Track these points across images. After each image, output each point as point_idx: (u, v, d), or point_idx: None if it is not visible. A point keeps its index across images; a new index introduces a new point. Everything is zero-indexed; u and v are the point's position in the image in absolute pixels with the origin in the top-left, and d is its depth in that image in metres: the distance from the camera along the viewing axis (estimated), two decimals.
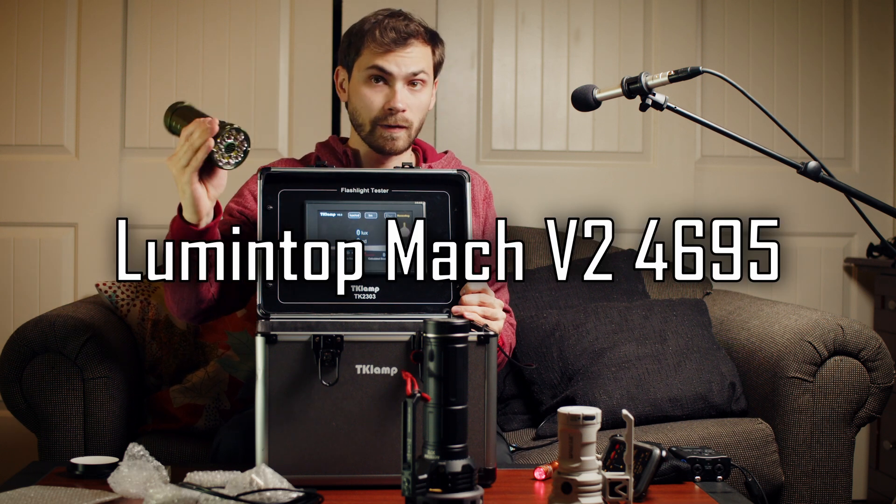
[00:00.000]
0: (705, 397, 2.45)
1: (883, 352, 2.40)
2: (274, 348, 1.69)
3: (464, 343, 1.51)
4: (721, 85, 3.41)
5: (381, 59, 2.10)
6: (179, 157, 1.83)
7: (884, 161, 3.56)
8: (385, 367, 1.70)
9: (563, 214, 3.39)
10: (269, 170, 1.97)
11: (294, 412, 1.69)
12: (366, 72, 2.12)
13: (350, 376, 1.70)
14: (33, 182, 3.26)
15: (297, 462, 1.68)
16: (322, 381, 1.69)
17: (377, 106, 2.12)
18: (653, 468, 1.68)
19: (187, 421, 2.45)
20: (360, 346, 1.70)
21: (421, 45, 2.13)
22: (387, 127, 2.12)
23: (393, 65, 2.10)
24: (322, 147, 2.25)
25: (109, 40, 3.25)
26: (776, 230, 3.50)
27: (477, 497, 1.49)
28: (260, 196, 1.94)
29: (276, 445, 1.68)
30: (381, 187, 1.99)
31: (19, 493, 1.65)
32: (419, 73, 2.12)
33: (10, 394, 2.31)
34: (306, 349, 1.69)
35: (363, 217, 1.96)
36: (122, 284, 2.59)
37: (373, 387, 1.70)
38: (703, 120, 1.90)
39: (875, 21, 3.54)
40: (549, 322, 2.62)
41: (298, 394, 1.69)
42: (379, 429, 1.70)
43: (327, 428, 1.69)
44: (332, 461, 1.69)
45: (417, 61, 2.11)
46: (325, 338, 1.69)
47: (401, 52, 2.10)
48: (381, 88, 2.11)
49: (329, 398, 1.69)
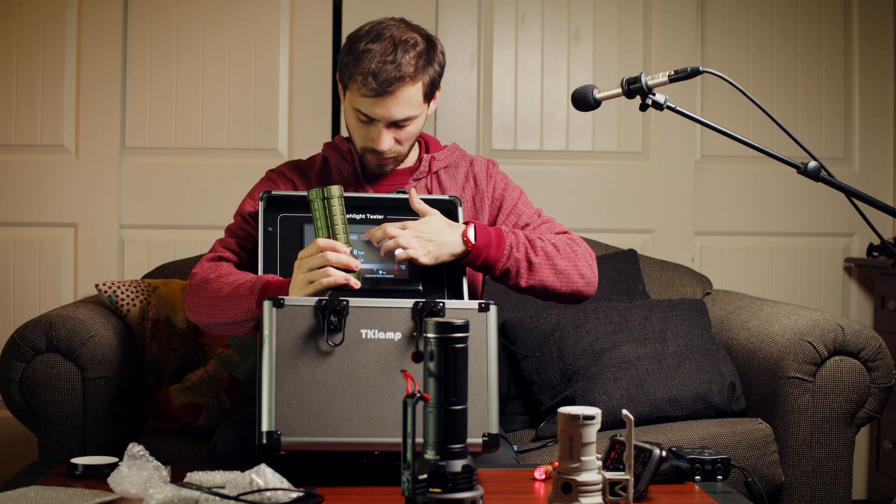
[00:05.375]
0: (705, 397, 2.45)
1: (883, 352, 2.40)
2: (281, 312, 1.74)
3: (464, 343, 1.51)
4: (721, 85, 3.41)
5: (364, 105, 2.05)
6: (314, 277, 1.83)
7: (884, 161, 3.56)
8: (390, 332, 1.75)
9: (563, 214, 3.40)
10: (271, 193, 2.04)
11: (299, 375, 1.72)
12: (352, 109, 2.09)
13: (355, 340, 1.74)
14: (33, 182, 3.26)
15: (302, 425, 1.71)
16: (328, 342, 1.73)
17: (363, 138, 2.11)
18: (653, 468, 1.68)
19: (187, 420, 2.45)
20: (364, 311, 1.75)
21: (408, 87, 2.03)
22: (374, 155, 2.12)
23: (377, 112, 2.05)
24: (328, 147, 2.25)
25: (109, 40, 3.26)
26: (776, 230, 3.51)
27: (477, 497, 1.49)
28: (261, 218, 2.01)
29: (281, 408, 1.71)
30: (377, 213, 2.05)
31: (19, 493, 1.65)
32: (404, 119, 2.07)
33: (10, 394, 2.31)
34: (312, 313, 1.74)
35: (359, 240, 2.01)
36: (122, 284, 2.59)
37: (377, 351, 1.75)
38: (703, 120, 1.90)
39: (875, 21, 3.54)
40: (549, 322, 2.62)
41: (304, 356, 1.73)
42: (383, 392, 1.74)
43: (332, 391, 1.73)
44: (337, 424, 1.72)
45: (402, 108, 2.05)
46: (330, 301, 1.74)
47: (383, 102, 2.04)
48: (367, 126, 2.09)
49: (334, 361, 1.73)
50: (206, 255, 2.16)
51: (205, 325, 2.07)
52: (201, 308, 2.04)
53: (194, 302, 2.07)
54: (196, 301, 2.06)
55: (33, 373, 2.30)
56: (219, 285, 2.00)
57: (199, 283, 2.06)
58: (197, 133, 3.31)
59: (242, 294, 1.94)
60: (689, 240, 3.44)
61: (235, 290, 1.96)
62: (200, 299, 2.04)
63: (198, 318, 2.07)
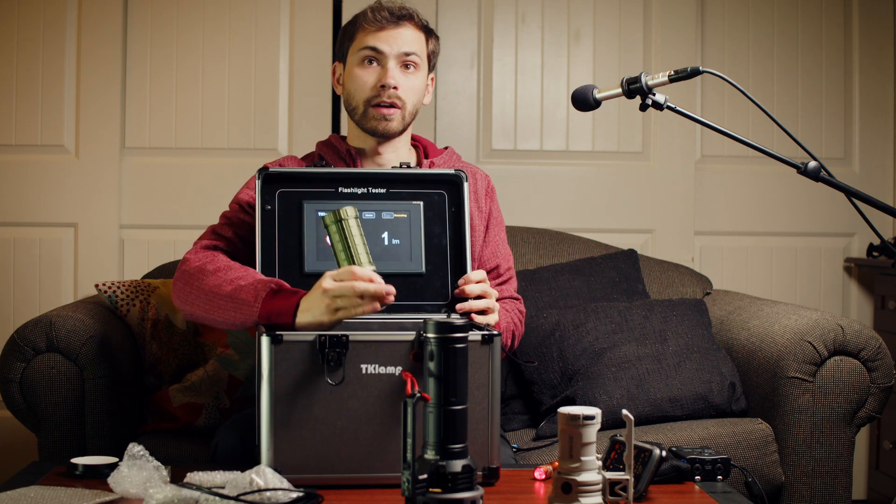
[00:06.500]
0: (705, 397, 2.45)
1: (883, 352, 2.40)
2: (279, 348, 1.69)
3: (464, 343, 1.51)
4: (721, 85, 3.41)
5: (373, 38, 2.12)
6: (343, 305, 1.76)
7: (884, 161, 3.56)
8: (390, 366, 1.70)
9: (563, 214, 3.40)
10: (268, 170, 1.97)
11: (299, 412, 1.69)
12: (359, 54, 2.13)
13: (355, 376, 1.70)
14: (33, 182, 3.26)
15: (303, 462, 1.68)
16: (328, 381, 1.69)
17: (369, 85, 2.12)
18: (653, 468, 1.68)
19: (187, 420, 2.45)
20: (365, 346, 1.70)
21: (414, 28, 2.15)
22: (379, 106, 2.12)
23: (385, 44, 2.11)
24: (323, 145, 2.25)
25: (109, 40, 3.26)
26: (776, 230, 3.51)
27: (477, 497, 1.49)
28: (258, 196, 1.94)
29: (281, 445, 1.68)
30: (379, 187, 1.99)
31: (19, 493, 1.65)
32: (411, 53, 2.13)
33: (9, 394, 2.31)
34: (311, 349, 1.69)
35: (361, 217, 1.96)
36: (122, 284, 2.59)
37: (378, 386, 1.70)
38: (703, 120, 1.90)
39: (875, 21, 3.54)
40: (549, 322, 2.62)
41: (304, 394, 1.69)
42: (384, 428, 1.70)
43: (332, 428, 1.69)
44: (338, 461, 1.69)
45: (410, 42, 2.13)
46: (330, 337, 1.69)
47: (393, 31, 2.12)
48: (374, 69, 2.13)
49: (334, 398, 1.69)
50: (198, 241, 2.09)
51: (191, 315, 1.99)
52: (193, 299, 1.96)
53: (185, 291, 1.98)
54: (188, 290, 1.97)
55: (33, 373, 2.30)
56: (217, 280, 1.92)
57: (193, 271, 1.98)
58: (197, 133, 3.31)
59: (244, 299, 1.86)
60: (689, 240, 3.44)
61: (236, 291, 1.88)
62: (193, 290, 1.96)
63: (186, 307, 1.99)
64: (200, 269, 1.97)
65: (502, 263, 2.25)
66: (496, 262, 2.24)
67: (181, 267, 2.02)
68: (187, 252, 2.06)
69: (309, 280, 1.89)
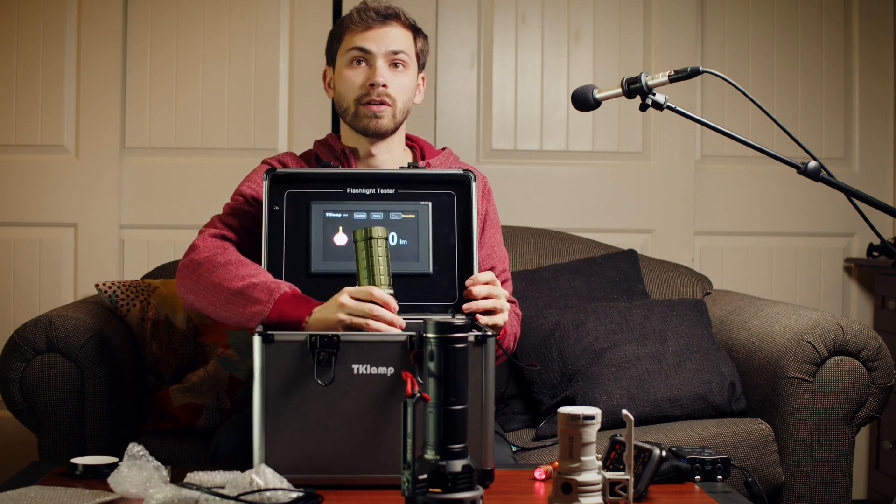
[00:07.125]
0: (705, 397, 2.45)
1: (883, 352, 2.40)
2: (271, 348, 1.69)
3: (464, 343, 1.51)
4: (721, 85, 3.41)
5: (360, 38, 2.12)
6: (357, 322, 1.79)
7: (884, 161, 3.56)
8: (382, 367, 1.70)
9: (563, 214, 3.40)
10: (276, 170, 1.97)
11: (291, 412, 1.69)
12: (347, 55, 2.14)
13: (346, 376, 1.70)
14: (33, 182, 3.26)
15: (295, 462, 1.68)
16: (318, 381, 1.69)
17: (358, 84, 2.13)
18: (653, 468, 1.68)
19: (187, 420, 2.45)
20: (356, 346, 1.70)
21: (401, 27, 2.15)
22: (369, 104, 2.12)
23: (372, 43, 2.12)
24: (319, 144, 2.25)
25: (109, 40, 3.26)
26: (776, 230, 3.51)
27: (477, 497, 1.49)
28: (266, 196, 1.95)
29: (273, 445, 1.68)
30: (387, 188, 2.00)
31: (19, 493, 1.65)
32: (399, 52, 2.13)
33: (10, 394, 2.31)
34: (303, 349, 1.69)
35: (369, 217, 1.96)
36: (122, 284, 2.59)
37: (369, 387, 1.70)
38: (703, 120, 1.90)
39: (875, 21, 3.54)
40: (549, 322, 2.62)
41: (295, 394, 1.69)
42: (375, 429, 1.70)
43: (324, 428, 1.69)
44: (329, 461, 1.69)
45: (397, 41, 2.13)
46: (321, 337, 1.69)
47: (380, 31, 2.12)
48: (363, 69, 2.13)
49: (325, 398, 1.69)
50: (205, 229, 2.08)
51: (191, 304, 1.99)
52: (199, 290, 1.96)
53: (192, 280, 1.97)
54: (195, 280, 1.97)
55: (33, 373, 2.30)
56: (227, 274, 1.91)
57: (202, 261, 1.97)
58: (197, 133, 3.31)
59: (257, 297, 1.86)
60: (689, 240, 3.44)
61: (248, 288, 1.88)
62: (201, 280, 1.95)
63: (188, 295, 1.99)
64: (210, 259, 1.97)
65: (497, 265, 2.25)
66: (491, 264, 2.23)
67: (189, 253, 2.01)
68: (195, 239, 2.05)
69: (315, 280, 1.89)
